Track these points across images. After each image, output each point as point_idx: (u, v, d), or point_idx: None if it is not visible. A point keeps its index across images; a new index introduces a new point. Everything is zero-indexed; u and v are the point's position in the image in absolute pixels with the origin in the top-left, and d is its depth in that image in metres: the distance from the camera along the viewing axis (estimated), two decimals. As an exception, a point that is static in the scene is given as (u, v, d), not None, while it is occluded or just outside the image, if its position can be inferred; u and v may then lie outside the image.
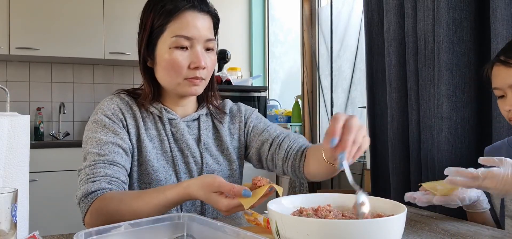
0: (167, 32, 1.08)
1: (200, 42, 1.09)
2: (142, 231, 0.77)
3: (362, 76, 2.70)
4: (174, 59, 1.08)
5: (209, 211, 1.18)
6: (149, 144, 1.13)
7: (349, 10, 2.90)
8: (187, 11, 1.08)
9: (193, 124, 1.21)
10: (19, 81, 3.46)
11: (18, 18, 3.16)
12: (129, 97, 1.17)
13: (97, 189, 1.00)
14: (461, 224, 1.05)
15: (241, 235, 0.70)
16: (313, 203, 0.89)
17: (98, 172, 1.02)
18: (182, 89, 1.12)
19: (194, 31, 1.08)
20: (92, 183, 1.01)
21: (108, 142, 1.06)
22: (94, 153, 1.05)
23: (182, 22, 1.08)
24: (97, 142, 1.06)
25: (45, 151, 2.98)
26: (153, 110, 1.17)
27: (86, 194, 1.01)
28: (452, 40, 1.54)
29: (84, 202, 1.01)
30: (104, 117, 1.10)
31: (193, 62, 1.08)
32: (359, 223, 0.68)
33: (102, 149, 1.05)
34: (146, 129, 1.15)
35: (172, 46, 1.08)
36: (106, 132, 1.08)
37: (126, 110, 1.14)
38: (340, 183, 2.90)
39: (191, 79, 1.10)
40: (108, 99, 1.15)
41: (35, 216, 2.79)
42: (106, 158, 1.04)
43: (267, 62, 4.02)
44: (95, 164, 1.03)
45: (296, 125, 3.23)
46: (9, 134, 0.81)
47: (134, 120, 1.14)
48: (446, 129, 1.55)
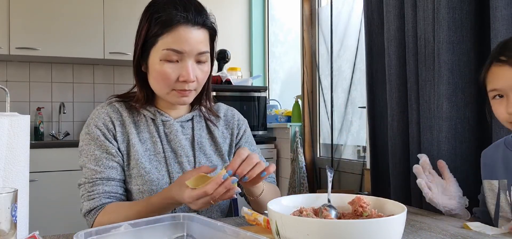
0: (159, 43, 1.09)
1: (191, 56, 1.10)
2: (142, 231, 0.77)
3: (362, 76, 2.70)
4: (163, 71, 1.10)
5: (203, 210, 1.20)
6: (140, 148, 1.17)
7: (349, 10, 2.90)
8: (180, 26, 1.08)
9: (187, 125, 1.24)
10: (19, 81, 3.46)
11: (18, 18, 3.16)
12: (120, 103, 1.21)
13: (97, 206, 1.11)
14: (461, 224, 1.05)
15: (241, 235, 0.70)
16: (313, 203, 0.89)
17: (97, 190, 1.12)
18: (171, 98, 1.15)
19: (185, 45, 1.08)
20: (92, 200, 1.11)
21: (102, 158, 1.14)
22: (91, 169, 1.13)
23: (174, 36, 1.08)
24: (93, 157, 1.14)
25: (45, 151, 2.98)
26: (146, 113, 1.20)
27: (89, 210, 1.12)
28: (452, 40, 1.54)
29: (89, 217, 1.12)
30: (96, 129, 1.16)
31: (182, 75, 1.10)
32: (359, 223, 0.68)
33: (98, 165, 1.13)
34: (138, 133, 1.19)
35: (162, 58, 1.09)
36: (99, 146, 1.15)
37: (116, 118, 1.18)
38: (340, 183, 2.90)
39: (180, 91, 1.12)
40: (99, 108, 1.20)
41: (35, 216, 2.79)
42: (102, 175, 1.13)
43: (267, 62, 4.02)
44: (94, 182, 1.13)
45: (296, 125, 3.23)
46: (9, 134, 0.81)
47: (123, 127, 1.18)
48: (446, 129, 1.55)
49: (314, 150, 3.20)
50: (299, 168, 3.02)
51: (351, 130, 2.87)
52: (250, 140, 1.33)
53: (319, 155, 3.21)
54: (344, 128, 2.93)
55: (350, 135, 2.88)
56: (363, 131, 2.75)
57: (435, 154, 1.62)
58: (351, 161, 2.83)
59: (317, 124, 3.22)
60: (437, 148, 1.59)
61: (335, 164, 2.92)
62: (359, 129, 2.80)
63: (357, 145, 2.84)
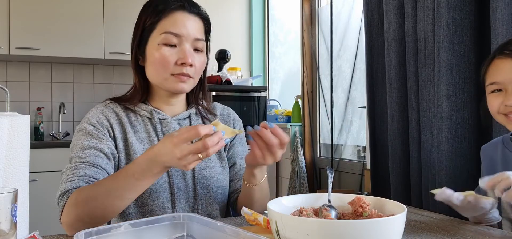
0: (157, 29, 1.14)
1: (188, 40, 1.14)
2: (142, 231, 0.77)
3: (362, 76, 2.70)
4: (162, 55, 1.12)
5: (203, 207, 1.20)
6: (138, 147, 1.16)
7: (349, 10, 2.90)
8: (177, 11, 1.14)
9: (184, 122, 1.24)
10: (19, 81, 3.46)
11: (18, 18, 3.16)
12: (115, 104, 1.21)
13: (74, 187, 1.03)
14: (461, 224, 1.05)
15: (241, 235, 0.70)
16: (313, 203, 0.89)
17: (78, 173, 1.06)
18: (170, 85, 1.15)
19: (182, 29, 1.13)
20: (70, 181, 1.05)
21: (90, 147, 1.10)
22: (76, 156, 1.09)
23: (171, 20, 1.13)
24: (80, 147, 1.10)
25: (45, 151, 2.98)
26: (143, 113, 1.20)
27: (64, 192, 1.04)
28: (452, 40, 1.54)
29: (62, 200, 1.04)
30: (89, 125, 1.14)
31: (180, 58, 1.13)
32: (359, 223, 0.68)
33: (84, 153, 1.09)
34: (135, 132, 1.18)
35: (161, 42, 1.13)
36: (89, 138, 1.12)
37: (112, 117, 1.17)
38: (340, 183, 2.90)
39: (178, 75, 1.14)
40: (94, 109, 1.19)
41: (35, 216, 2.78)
42: (86, 160, 1.08)
43: (267, 62, 4.02)
44: (76, 165, 1.08)
45: (296, 125, 3.23)
46: (9, 134, 0.81)
47: (121, 126, 1.17)
48: (446, 129, 1.55)
49: (314, 150, 3.20)
50: (299, 168, 3.02)
51: (351, 130, 2.87)
52: (243, 141, 1.35)
53: (319, 155, 3.21)
54: (344, 128, 2.93)
55: (350, 135, 2.88)
56: (363, 131, 2.75)
57: (435, 154, 1.62)
58: (351, 161, 2.83)
59: (317, 124, 3.22)
60: (437, 148, 1.59)
61: (335, 164, 2.92)
62: (359, 129, 2.81)
63: (357, 145, 2.84)
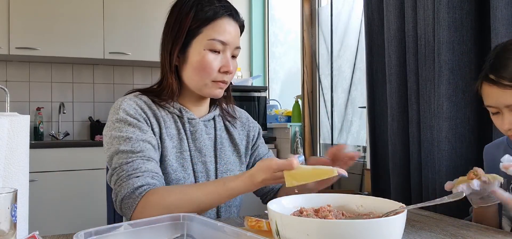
0: (203, 34, 1.13)
1: (231, 48, 1.15)
2: (141, 231, 0.77)
3: (362, 76, 2.70)
4: (206, 61, 1.12)
5: (222, 209, 1.22)
6: (169, 143, 1.14)
7: (349, 10, 2.90)
8: (225, 18, 1.14)
9: (209, 124, 1.24)
10: (19, 81, 3.46)
11: (18, 18, 3.16)
12: (146, 97, 1.18)
13: (143, 184, 1.01)
14: (461, 224, 1.05)
15: (241, 235, 0.70)
16: (313, 203, 0.89)
17: (140, 168, 1.03)
18: (208, 90, 1.15)
19: (228, 37, 1.14)
20: (136, 178, 1.01)
21: (138, 140, 1.06)
22: (126, 151, 1.05)
23: (220, 27, 1.13)
24: (126, 140, 1.06)
25: (45, 151, 2.98)
26: (172, 110, 1.18)
27: (133, 190, 1.01)
28: (452, 40, 1.54)
29: (131, 198, 1.01)
30: (128, 116, 1.10)
31: (224, 66, 1.14)
32: (359, 223, 0.68)
33: (134, 146, 1.05)
34: (166, 128, 1.16)
35: (206, 48, 1.12)
36: (133, 130, 1.08)
37: (147, 109, 1.14)
38: (340, 183, 2.90)
39: (218, 82, 1.15)
40: (127, 99, 1.14)
41: (35, 216, 2.79)
42: (142, 154, 1.05)
43: (267, 62, 4.02)
44: (133, 161, 1.04)
45: (296, 125, 3.23)
46: (9, 134, 0.81)
47: (156, 119, 1.15)
48: (446, 129, 1.55)
49: (314, 150, 3.20)
50: (299, 168, 3.02)
51: (351, 130, 2.87)
52: (263, 143, 1.38)
53: (319, 155, 3.20)
54: (344, 128, 2.93)
55: (350, 135, 2.88)
56: (363, 131, 2.75)
57: (435, 154, 1.62)
58: (351, 161, 2.82)
59: (317, 124, 3.22)
60: (437, 148, 1.59)
61: (335, 164, 2.92)
62: (359, 129, 2.80)
63: (357, 145, 2.83)
